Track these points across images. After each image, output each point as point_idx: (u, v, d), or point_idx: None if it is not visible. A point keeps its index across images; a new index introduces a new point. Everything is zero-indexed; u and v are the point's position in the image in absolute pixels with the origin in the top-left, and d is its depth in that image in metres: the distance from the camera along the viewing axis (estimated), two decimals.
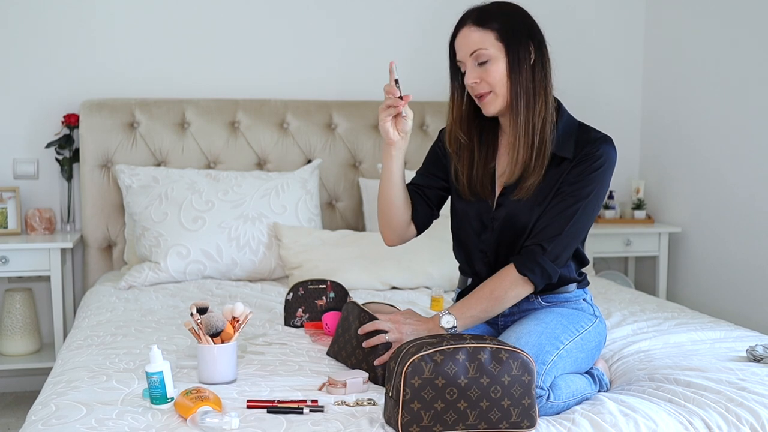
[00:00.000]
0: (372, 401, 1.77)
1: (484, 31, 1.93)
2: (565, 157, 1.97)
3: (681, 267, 3.92)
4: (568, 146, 1.97)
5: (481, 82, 1.95)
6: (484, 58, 1.93)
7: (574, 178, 1.96)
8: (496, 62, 1.93)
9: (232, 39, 3.68)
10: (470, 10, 1.98)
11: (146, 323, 2.51)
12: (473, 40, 1.93)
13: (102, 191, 3.44)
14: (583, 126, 2.03)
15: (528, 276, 1.95)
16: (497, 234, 2.03)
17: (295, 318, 2.50)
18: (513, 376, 1.62)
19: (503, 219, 2.01)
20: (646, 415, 1.71)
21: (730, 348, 2.24)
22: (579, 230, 1.97)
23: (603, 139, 1.98)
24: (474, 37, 1.93)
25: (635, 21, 4.12)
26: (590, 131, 2.01)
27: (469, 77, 1.96)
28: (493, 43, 1.92)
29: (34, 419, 1.70)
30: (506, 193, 2.02)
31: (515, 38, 1.93)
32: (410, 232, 2.16)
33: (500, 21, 1.93)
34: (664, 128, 4.02)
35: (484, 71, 1.94)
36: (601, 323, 2.07)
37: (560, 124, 1.99)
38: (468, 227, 2.08)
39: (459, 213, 2.11)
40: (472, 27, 1.94)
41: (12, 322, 3.38)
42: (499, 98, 1.96)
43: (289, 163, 3.60)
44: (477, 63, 1.94)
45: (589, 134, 1.99)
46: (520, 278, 1.96)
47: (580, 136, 1.99)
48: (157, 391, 1.73)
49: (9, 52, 3.48)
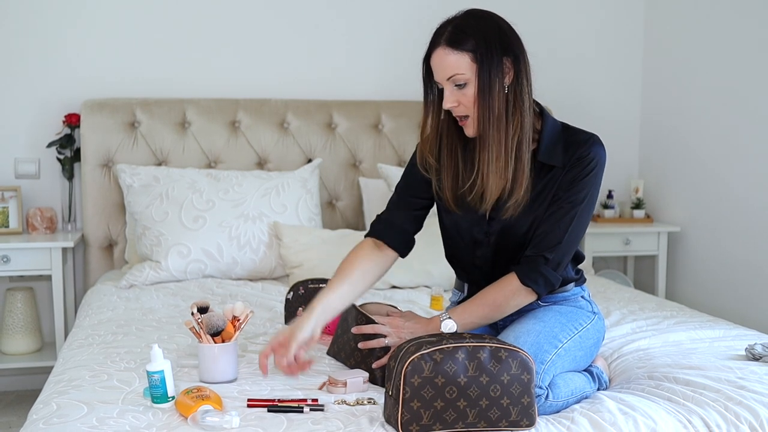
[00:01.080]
0: (372, 400, 1.77)
1: (459, 53, 1.84)
2: (555, 166, 1.93)
3: (680, 266, 3.93)
4: (556, 153, 1.93)
5: (459, 105, 1.89)
6: (461, 81, 1.86)
7: (568, 184, 1.93)
8: (471, 85, 1.86)
9: (233, 39, 3.69)
10: (444, 26, 1.89)
11: (147, 322, 2.51)
12: (449, 65, 1.85)
13: (103, 191, 3.44)
14: (568, 128, 1.98)
15: (531, 287, 1.93)
16: (493, 248, 2.00)
17: (295, 317, 2.49)
18: (512, 375, 1.63)
19: (498, 233, 1.98)
20: (645, 413, 1.71)
21: (729, 347, 2.25)
22: (578, 235, 1.96)
23: (592, 139, 1.94)
24: (449, 60, 1.85)
25: (634, 20, 4.12)
26: (576, 133, 1.96)
27: (447, 101, 1.88)
28: (468, 66, 1.84)
29: (36, 418, 1.70)
30: (498, 207, 1.96)
31: (489, 58, 1.84)
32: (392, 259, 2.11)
33: (475, 40, 1.84)
34: (663, 128, 4.03)
35: (462, 94, 1.87)
36: (600, 320, 2.07)
37: (545, 132, 1.94)
38: (461, 243, 2.05)
39: (449, 229, 2.06)
40: (447, 49, 1.85)
41: (13, 321, 3.39)
42: (475, 121, 1.90)
43: (290, 163, 3.61)
44: (454, 85, 1.88)
45: (577, 136, 1.95)
46: (522, 288, 1.94)
47: (567, 139, 1.94)
48: (158, 390, 1.73)
49: (10, 51, 3.48)
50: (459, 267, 2.13)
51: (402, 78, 3.65)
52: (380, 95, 3.80)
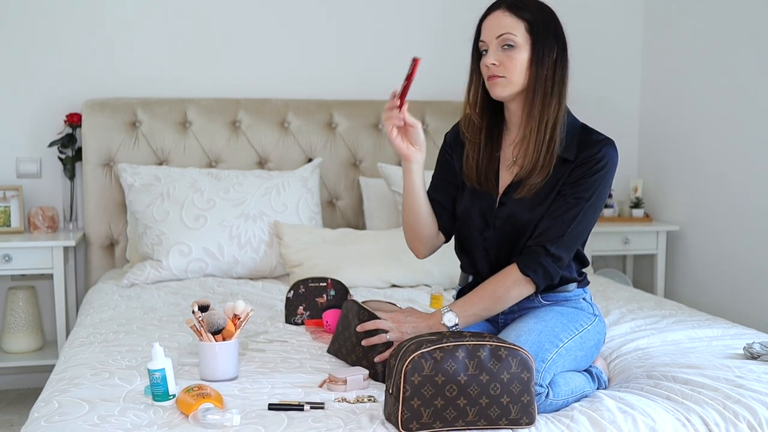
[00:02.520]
0: (372, 398, 1.78)
1: (517, 19, 1.95)
2: (568, 159, 1.98)
3: (679, 265, 3.93)
4: (571, 148, 1.99)
5: (500, 65, 1.96)
6: (510, 42, 1.95)
7: (577, 180, 1.97)
8: (521, 51, 1.95)
9: (234, 39, 3.69)
10: None
11: (148, 321, 2.52)
12: (504, 24, 1.95)
13: (104, 190, 3.45)
14: (586, 128, 2.04)
15: (531, 276, 1.96)
16: (500, 232, 2.04)
17: (295, 315, 2.51)
18: (512, 374, 1.63)
19: (505, 218, 2.03)
20: (644, 412, 1.72)
21: (727, 345, 2.25)
22: (581, 232, 1.99)
23: (605, 141, 2.00)
24: (506, 21, 1.95)
25: (634, 19, 4.13)
26: (593, 133, 2.02)
27: (490, 58, 1.97)
28: (522, 33, 1.95)
29: (37, 416, 1.71)
30: (509, 192, 2.03)
31: (544, 35, 1.95)
32: (440, 240, 2.17)
33: (534, 14, 1.96)
34: (662, 127, 4.03)
35: (507, 56, 1.95)
36: (601, 322, 2.09)
37: (566, 126, 2.01)
38: (471, 225, 2.09)
39: (463, 211, 2.12)
40: (506, 12, 1.96)
41: (15, 320, 3.40)
42: (511, 85, 1.97)
43: (290, 162, 3.61)
44: (501, 46, 1.96)
45: (592, 136, 2.01)
46: (522, 278, 1.97)
47: (582, 138, 2.00)
48: (159, 388, 1.74)
49: (12, 51, 3.49)
50: (467, 251, 2.15)
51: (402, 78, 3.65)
52: (380, 95, 3.80)
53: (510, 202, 2.03)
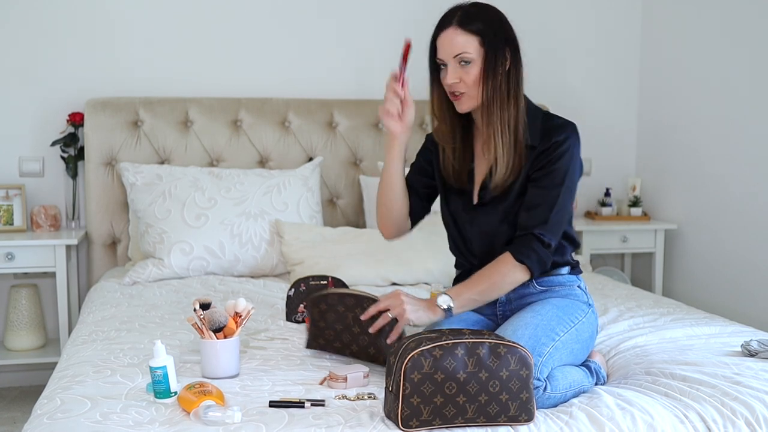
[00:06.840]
0: (372, 395, 1.79)
1: (469, 35, 2.00)
2: (533, 146, 2.06)
3: (677, 263, 3.94)
4: (534, 134, 2.06)
5: (460, 82, 2.03)
6: (467, 59, 2.01)
7: (545, 166, 2.04)
8: (475, 65, 2.01)
9: (235, 39, 3.70)
10: (453, 10, 2.05)
11: (150, 319, 2.53)
12: (457, 43, 2.01)
13: (106, 189, 3.46)
14: (548, 114, 2.12)
15: (525, 262, 2.02)
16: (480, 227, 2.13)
17: (296, 314, 2.52)
18: (511, 371, 1.64)
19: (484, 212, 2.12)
20: (643, 408, 1.73)
21: (725, 343, 2.26)
22: (563, 213, 2.06)
23: (565, 125, 2.07)
24: (459, 40, 2.01)
25: (632, 20, 4.13)
26: (553, 118, 2.10)
27: (451, 77, 2.03)
28: (475, 48, 2.01)
29: (40, 413, 1.72)
30: (485, 187, 2.11)
31: (494, 43, 2.01)
32: (407, 225, 2.25)
33: (483, 23, 2.01)
34: (660, 126, 4.04)
35: (465, 72, 2.02)
36: (593, 312, 2.12)
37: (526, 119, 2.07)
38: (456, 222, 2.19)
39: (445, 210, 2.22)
40: (457, 30, 2.01)
41: (18, 318, 3.41)
42: (472, 99, 2.05)
43: (291, 161, 3.63)
44: (458, 63, 2.02)
45: (553, 121, 2.09)
46: (517, 265, 2.03)
47: (544, 123, 2.08)
48: (161, 386, 1.75)
49: (14, 51, 3.50)
50: (458, 252, 2.24)
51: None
52: (381, 94, 3.80)
53: (486, 196, 2.10)
